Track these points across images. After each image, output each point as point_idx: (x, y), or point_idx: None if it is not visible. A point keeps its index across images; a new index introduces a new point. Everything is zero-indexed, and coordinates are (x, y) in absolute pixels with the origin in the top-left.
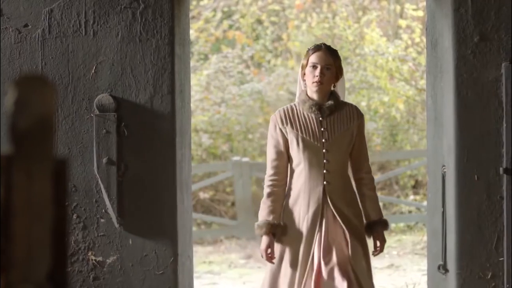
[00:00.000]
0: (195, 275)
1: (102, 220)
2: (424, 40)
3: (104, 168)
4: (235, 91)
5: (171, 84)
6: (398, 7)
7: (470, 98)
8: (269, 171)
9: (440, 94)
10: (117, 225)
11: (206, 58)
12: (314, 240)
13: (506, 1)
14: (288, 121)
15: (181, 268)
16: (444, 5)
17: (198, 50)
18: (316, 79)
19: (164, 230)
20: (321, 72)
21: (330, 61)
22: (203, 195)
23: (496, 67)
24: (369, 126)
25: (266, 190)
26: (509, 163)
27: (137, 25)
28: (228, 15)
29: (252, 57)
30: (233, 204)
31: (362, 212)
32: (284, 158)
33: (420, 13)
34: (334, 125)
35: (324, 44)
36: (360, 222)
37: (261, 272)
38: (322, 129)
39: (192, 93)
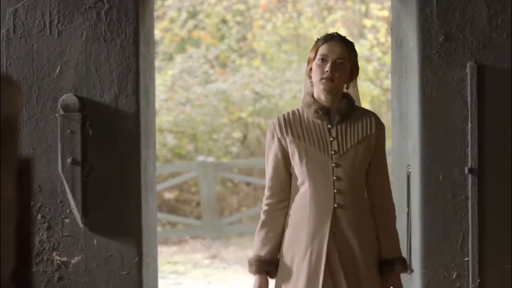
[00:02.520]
0: (160, 275)
1: (66, 220)
2: (389, 40)
3: (69, 168)
4: (200, 91)
5: (135, 84)
6: (363, 7)
7: (435, 98)
8: (267, 192)
9: (405, 94)
10: (81, 225)
11: (171, 58)
12: (319, 281)
13: (471, 1)
14: (289, 129)
15: (146, 268)
16: (409, 5)
17: (163, 50)
18: (326, 75)
19: (128, 230)
20: (332, 67)
21: (344, 54)
22: (168, 195)
23: (461, 67)
24: None
25: (262, 217)
26: (474, 163)
27: (102, 25)
28: (193, 15)
29: (217, 57)
30: (198, 204)
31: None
32: (284, 175)
33: (385, 13)
34: (346, 134)
35: (338, 34)
36: (374, 259)
37: (226, 272)
38: (331, 138)
39: (157, 93)
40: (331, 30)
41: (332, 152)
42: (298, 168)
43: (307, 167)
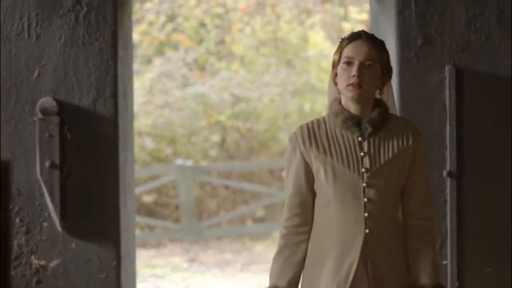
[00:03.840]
0: (138, 278)
1: (45, 224)
2: None
3: (47, 171)
4: (178, 94)
5: (114, 87)
6: (342, 10)
7: (414, 101)
8: (286, 213)
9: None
10: (60, 229)
11: (149, 61)
12: None
13: (450, 5)
14: (313, 141)
15: (124, 272)
16: (388, 8)
17: (142, 53)
18: (353, 80)
19: (107, 234)
20: (359, 70)
21: (373, 55)
22: (146, 199)
23: (439, 70)
24: None
25: (280, 241)
26: (452, 166)
27: (80, 28)
28: (171, 18)
29: (195, 60)
30: (176, 207)
31: (411, 274)
32: (307, 195)
33: (364, 16)
34: (380, 148)
35: (365, 32)
36: None
37: (204, 276)
38: (361, 153)
39: (136, 96)
40: (310, 34)
41: (363, 170)
42: (323, 188)
43: (334, 187)
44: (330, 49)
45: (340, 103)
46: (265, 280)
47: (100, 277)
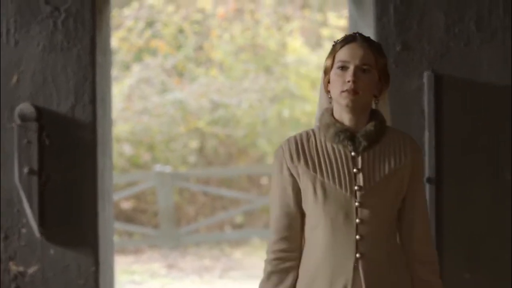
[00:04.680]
0: (117, 285)
1: (23, 230)
2: None
3: (26, 177)
4: (157, 101)
5: (92, 93)
6: (321, 16)
7: (393, 107)
8: (273, 236)
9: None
10: (38, 235)
11: (128, 67)
12: None
13: (429, 11)
14: (302, 156)
15: (103, 278)
16: (366, 14)
17: (121, 59)
18: (347, 86)
19: (85, 240)
20: (355, 75)
21: (370, 59)
22: (125, 205)
23: (418, 76)
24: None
25: (267, 267)
26: (431, 172)
27: (59, 34)
28: (150, 24)
29: (174, 67)
30: (155, 213)
31: None
32: (296, 215)
33: (343, 22)
34: (375, 165)
35: (360, 34)
36: None
37: (183, 282)
38: (355, 170)
39: (114, 102)
40: (289, 40)
41: (356, 188)
42: (312, 208)
43: (323, 207)
44: (308, 55)
45: (332, 114)
46: (244, 287)
47: (79, 283)
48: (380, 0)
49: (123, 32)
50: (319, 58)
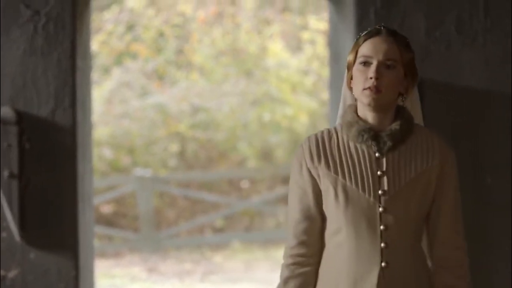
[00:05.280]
0: None
1: (3, 234)
2: (327, 53)
3: (6, 181)
4: (137, 104)
5: (72, 97)
6: (301, 20)
7: None
8: (292, 240)
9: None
10: (18, 239)
11: (108, 71)
12: None
13: (409, 14)
14: (323, 156)
15: (83, 282)
16: (347, 17)
17: (101, 63)
18: (370, 83)
19: (65, 244)
20: (378, 71)
21: (395, 54)
22: (105, 209)
23: None
24: (274, 140)
25: (284, 272)
26: None
27: (39, 38)
28: (130, 28)
29: (155, 70)
30: (135, 217)
31: None
32: (316, 219)
33: (324, 26)
34: (400, 167)
35: (385, 27)
36: None
37: (163, 286)
38: (379, 172)
39: (95, 106)
40: (269, 43)
41: (381, 192)
42: (333, 212)
43: (345, 212)
44: (289, 58)
45: (355, 111)
46: None
47: (59, 287)
48: (360, 3)
49: (103, 35)
50: (300, 61)
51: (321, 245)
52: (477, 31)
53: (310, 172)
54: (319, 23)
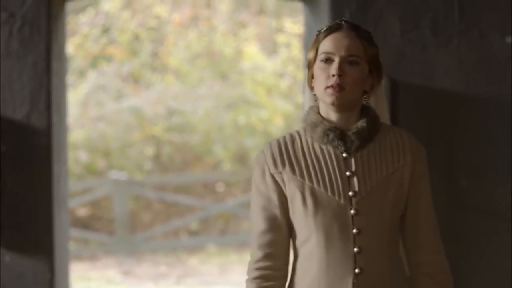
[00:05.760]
0: None
1: None
2: (303, 55)
3: None
4: (113, 107)
5: (47, 100)
6: (277, 23)
7: None
8: (256, 253)
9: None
10: None
11: (84, 74)
12: None
13: (384, 17)
14: (287, 160)
15: (59, 285)
16: (321, 20)
17: (76, 66)
18: (332, 81)
19: (41, 247)
20: (341, 68)
21: (358, 49)
22: (81, 212)
23: None
24: (249, 143)
25: (250, 286)
26: None
27: (14, 41)
28: (106, 31)
29: (130, 73)
30: (111, 220)
31: None
32: (283, 229)
33: (299, 29)
34: (371, 166)
35: (347, 21)
36: None
37: None
38: (348, 173)
39: (70, 109)
40: (244, 46)
41: (351, 193)
42: (301, 219)
43: (315, 217)
44: (264, 61)
45: (318, 112)
46: None
47: None
48: (335, 6)
49: (79, 38)
50: (275, 64)
51: (288, 257)
52: (452, 33)
53: (274, 178)
54: (294, 26)
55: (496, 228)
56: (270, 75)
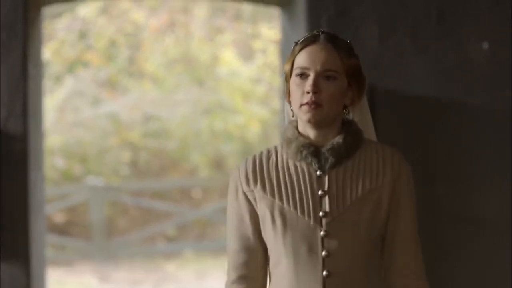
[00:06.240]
0: None
1: None
2: (279, 61)
3: None
4: (89, 113)
5: (24, 105)
6: (253, 29)
7: None
8: (231, 274)
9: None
10: None
11: (60, 79)
12: None
13: (362, 22)
14: (259, 177)
15: None
16: (298, 26)
17: (53, 71)
18: (307, 98)
19: (17, 253)
20: (316, 85)
21: (335, 63)
22: (57, 217)
23: None
24: (226, 148)
25: None
26: None
27: None
28: (82, 36)
29: (107, 79)
30: (88, 226)
31: None
32: (257, 249)
33: (275, 35)
34: (345, 185)
35: (324, 32)
36: None
37: None
38: (320, 192)
39: (47, 115)
40: (221, 52)
41: (322, 214)
42: (271, 240)
43: (283, 239)
44: (241, 67)
45: (296, 127)
46: None
47: None
48: (312, 12)
49: (55, 44)
50: (251, 70)
51: (266, 279)
52: (430, 39)
53: (246, 196)
54: (270, 31)
55: (473, 234)
56: (247, 81)
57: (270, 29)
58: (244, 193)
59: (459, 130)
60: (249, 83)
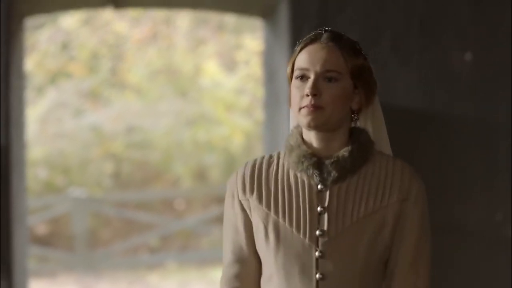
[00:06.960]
0: None
1: None
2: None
3: None
4: (72, 124)
5: (6, 116)
6: (237, 40)
7: None
8: (223, 287)
9: (277, 126)
10: None
11: (43, 90)
12: None
13: (344, 33)
14: (257, 186)
15: None
16: (281, 37)
17: (35, 83)
18: (306, 101)
19: None
20: (315, 87)
21: (337, 63)
22: (40, 229)
23: None
24: (209, 159)
25: None
26: None
27: None
28: (65, 47)
29: (89, 90)
30: (70, 237)
31: None
32: (251, 261)
33: (259, 46)
34: (347, 203)
35: (327, 31)
36: None
37: None
38: (319, 208)
39: (29, 126)
40: (204, 63)
41: (318, 233)
42: (264, 254)
43: (275, 256)
44: (224, 78)
45: (301, 133)
46: None
47: None
48: (295, 23)
49: (37, 55)
50: (235, 81)
51: None
52: (412, 50)
53: (241, 204)
54: (253, 42)
55: (459, 244)
56: (230, 92)
57: (253, 40)
58: (240, 202)
59: (443, 141)
60: (232, 94)
